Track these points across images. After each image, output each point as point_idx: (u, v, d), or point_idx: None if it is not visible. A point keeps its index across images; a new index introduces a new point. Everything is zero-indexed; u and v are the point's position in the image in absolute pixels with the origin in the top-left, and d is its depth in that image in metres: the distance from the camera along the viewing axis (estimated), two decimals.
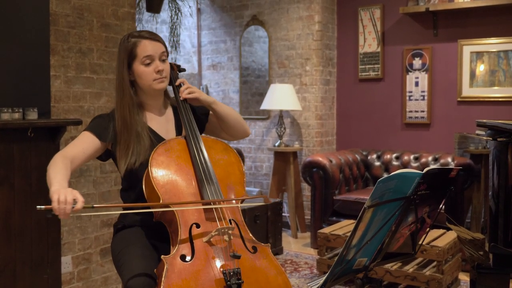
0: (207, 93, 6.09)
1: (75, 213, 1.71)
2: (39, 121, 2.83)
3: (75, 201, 1.69)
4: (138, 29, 5.19)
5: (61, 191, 1.69)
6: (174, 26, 5.57)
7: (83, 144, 1.98)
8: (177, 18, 5.59)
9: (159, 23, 6.23)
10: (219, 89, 6.05)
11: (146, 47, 2.00)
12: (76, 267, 3.28)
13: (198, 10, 6.14)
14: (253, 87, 5.80)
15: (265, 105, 5.23)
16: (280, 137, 5.30)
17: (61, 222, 3.11)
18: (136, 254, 1.90)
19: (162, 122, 2.12)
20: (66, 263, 3.20)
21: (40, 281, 2.93)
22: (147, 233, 2.03)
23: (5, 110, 2.72)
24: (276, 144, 5.30)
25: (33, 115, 2.83)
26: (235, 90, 5.92)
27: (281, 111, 5.31)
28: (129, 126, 2.00)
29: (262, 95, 5.60)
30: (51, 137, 2.96)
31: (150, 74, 2.01)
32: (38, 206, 1.68)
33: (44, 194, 2.93)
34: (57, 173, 1.81)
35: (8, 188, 2.77)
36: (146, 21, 5.78)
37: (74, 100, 3.23)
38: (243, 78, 5.85)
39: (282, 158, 5.26)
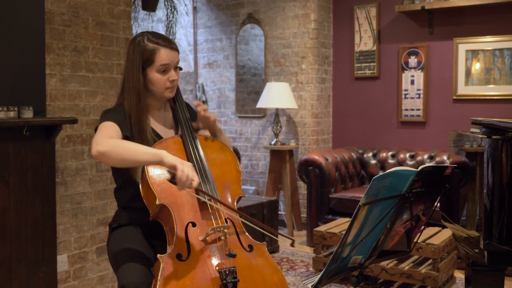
0: (203, 91, 6.09)
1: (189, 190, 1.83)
2: (34, 120, 2.82)
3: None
4: (134, 28, 5.18)
5: (184, 163, 1.75)
6: (170, 25, 5.56)
7: (113, 132, 1.91)
8: (173, 17, 5.58)
9: (155, 22, 6.21)
10: (215, 88, 6.05)
11: (164, 56, 1.99)
12: (72, 266, 3.28)
13: (194, 8, 6.14)
14: (249, 85, 5.80)
15: (261, 104, 5.23)
16: (276, 135, 5.30)
17: (57, 220, 3.10)
18: (132, 255, 1.90)
19: (161, 122, 2.13)
20: (62, 262, 3.20)
21: (36, 279, 2.92)
22: (144, 231, 2.03)
23: (0, 109, 2.71)
24: (272, 143, 5.30)
25: (28, 113, 2.82)
26: (231, 89, 5.92)
27: (277, 109, 5.31)
28: (143, 130, 1.99)
29: (258, 93, 5.60)
30: (47, 135, 2.95)
31: (164, 83, 2.01)
32: (167, 172, 1.77)
33: (39, 193, 2.93)
34: (142, 145, 1.85)
35: (3, 187, 2.77)
36: (142, 20, 5.76)
37: (70, 98, 3.23)
38: (239, 77, 5.85)
39: (278, 156, 5.26)
